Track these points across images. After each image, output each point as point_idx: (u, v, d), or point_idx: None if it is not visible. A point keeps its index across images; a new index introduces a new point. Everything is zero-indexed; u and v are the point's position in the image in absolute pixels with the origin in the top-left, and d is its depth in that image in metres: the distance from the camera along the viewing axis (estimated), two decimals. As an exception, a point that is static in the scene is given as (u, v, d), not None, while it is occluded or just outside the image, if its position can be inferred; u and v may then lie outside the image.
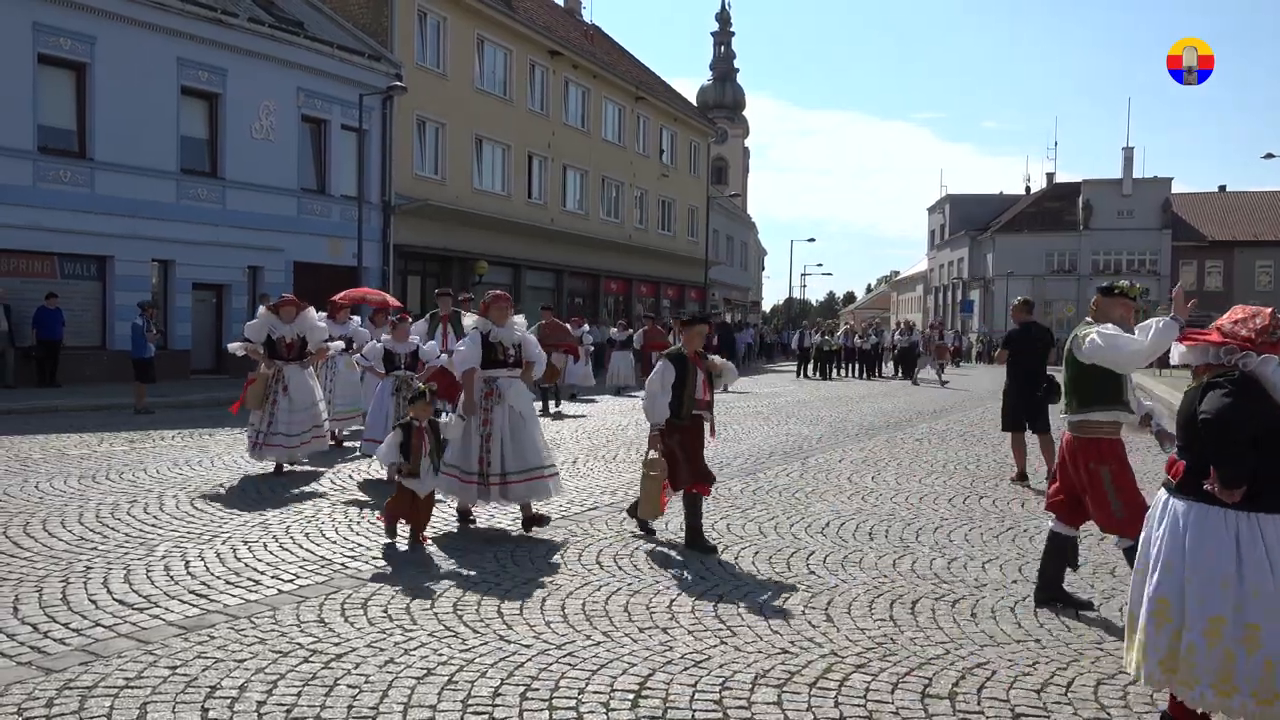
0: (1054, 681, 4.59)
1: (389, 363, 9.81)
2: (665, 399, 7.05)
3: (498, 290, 7.94)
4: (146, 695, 4.16)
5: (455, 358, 7.58)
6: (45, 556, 6.37)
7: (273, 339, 9.84)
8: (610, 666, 4.64)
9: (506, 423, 7.35)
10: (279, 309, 10.00)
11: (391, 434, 7.09)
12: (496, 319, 7.52)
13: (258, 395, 9.65)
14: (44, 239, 19.83)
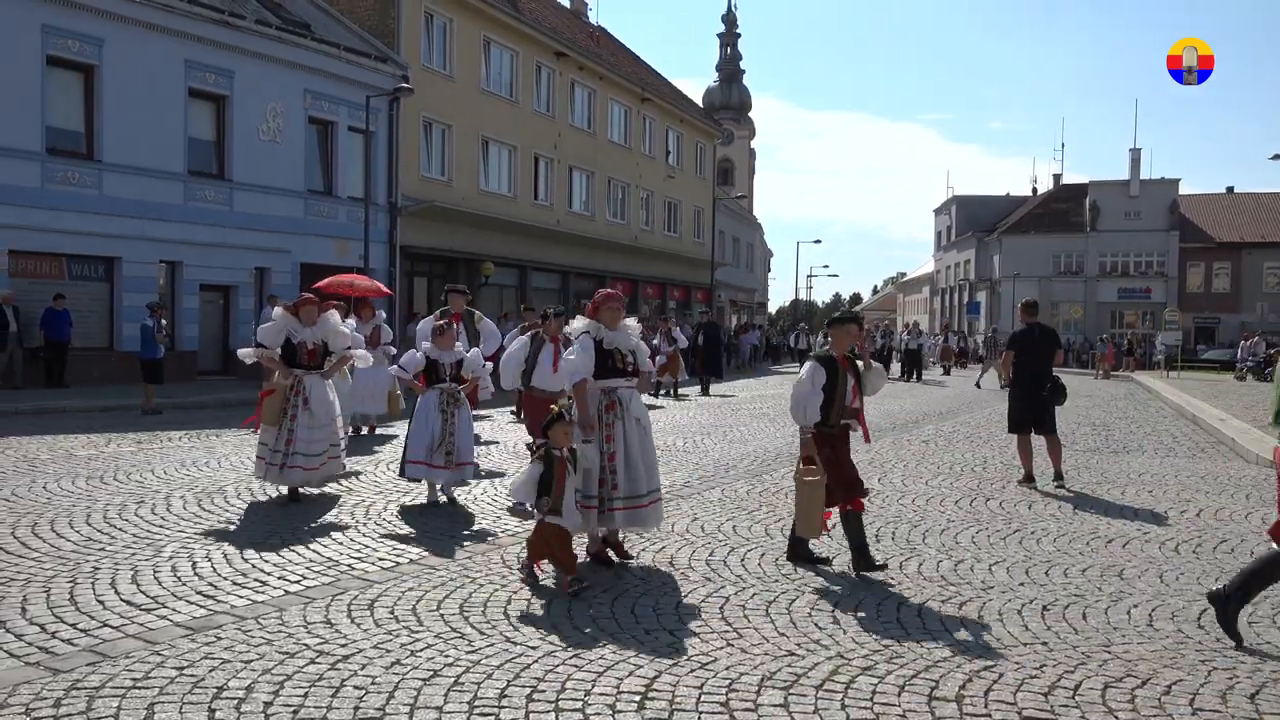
0: (1061, 684, 4.58)
1: (433, 373, 8.51)
2: (817, 400, 6.42)
3: (608, 290, 7.10)
4: (154, 696, 4.17)
5: (564, 367, 6.70)
6: (53, 557, 6.39)
7: (292, 344, 8.56)
8: (616, 668, 4.64)
9: (635, 439, 6.56)
10: (298, 309, 8.70)
11: (530, 467, 6.04)
12: (608, 322, 6.62)
13: (275, 410, 8.33)
14: (52, 240, 19.89)
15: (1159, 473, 11.42)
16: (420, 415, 8.45)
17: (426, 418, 8.40)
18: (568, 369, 6.58)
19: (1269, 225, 62.72)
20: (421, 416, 8.43)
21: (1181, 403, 21.63)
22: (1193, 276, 63.23)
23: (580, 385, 6.43)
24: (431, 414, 8.40)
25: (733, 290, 56.96)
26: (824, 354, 6.65)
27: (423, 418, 8.41)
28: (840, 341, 6.63)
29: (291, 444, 8.34)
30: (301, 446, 8.37)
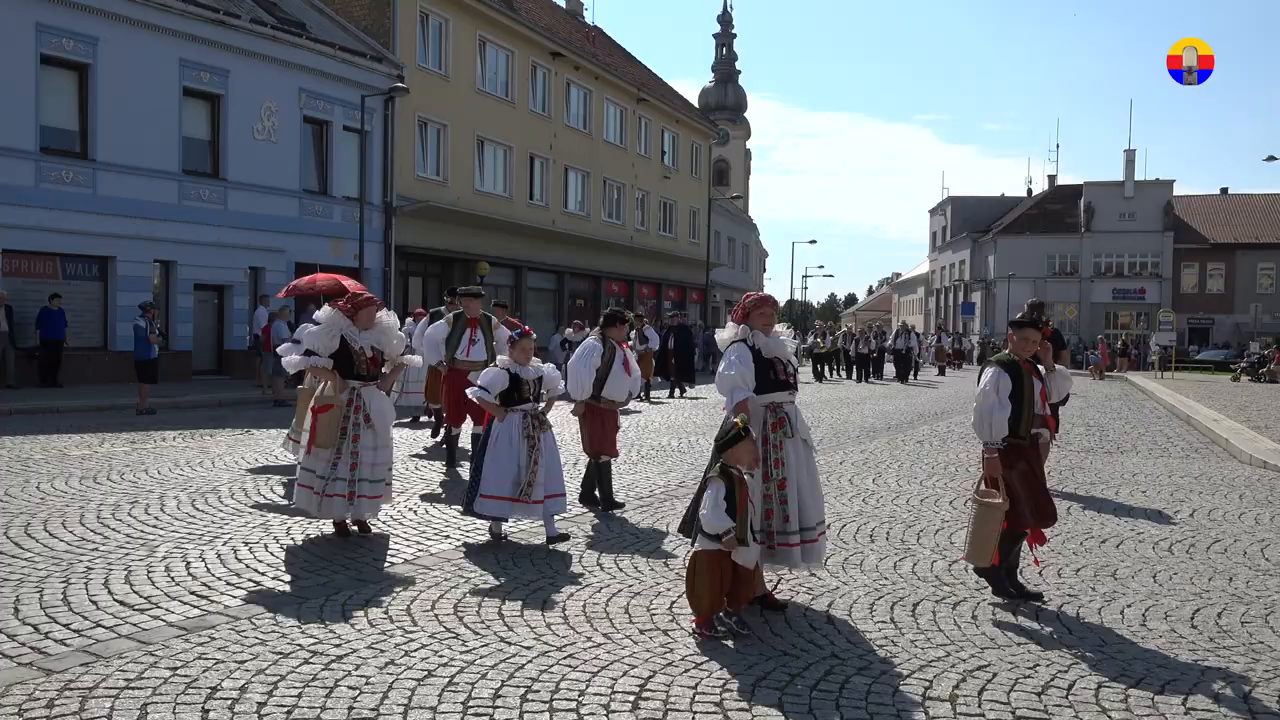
0: (1055, 684, 4.58)
1: (514, 393, 7.06)
2: (1004, 413, 5.83)
3: (758, 292, 6.33)
4: (147, 696, 4.16)
5: (720, 383, 5.83)
6: (46, 557, 6.37)
7: (350, 350, 7.19)
8: (611, 668, 4.64)
9: (805, 461, 5.82)
10: (356, 310, 7.25)
11: (713, 489, 5.16)
12: (762, 327, 5.84)
13: (333, 430, 6.89)
14: (46, 240, 19.85)
15: (1153, 473, 11.45)
16: (502, 443, 6.95)
17: (511, 446, 6.96)
18: (726, 384, 5.74)
19: (1263, 226, 62.91)
20: (504, 445, 6.95)
21: (1175, 403, 21.68)
22: (1187, 277, 63.41)
23: (744, 404, 5.65)
24: (516, 441, 6.97)
25: (728, 291, 56.95)
26: (1006, 359, 6.04)
27: (505, 446, 6.95)
28: (1023, 346, 6.07)
29: (357, 468, 6.99)
30: (367, 472, 7.03)
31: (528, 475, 6.93)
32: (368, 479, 7.03)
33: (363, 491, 7.01)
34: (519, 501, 6.95)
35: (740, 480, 5.20)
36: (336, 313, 7.18)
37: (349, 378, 7.09)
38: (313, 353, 7.10)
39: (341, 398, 7.03)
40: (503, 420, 7.03)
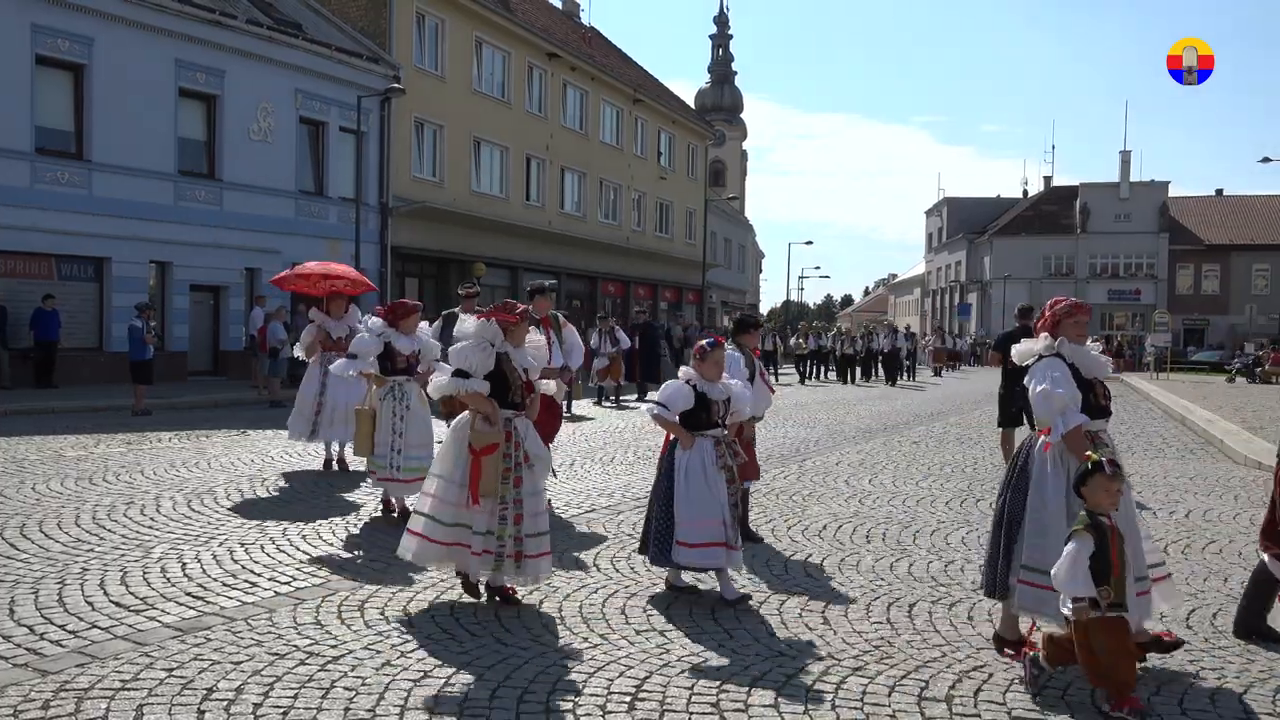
0: (1051, 685, 4.59)
1: (700, 415, 5.91)
2: None
3: (1068, 298, 5.30)
4: (143, 697, 4.15)
5: (1043, 405, 4.80)
6: (41, 558, 6.36)
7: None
8: (607, 669, 4.64)
9: (1130, 503, 4.99)
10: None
11: (1076, 545, 4.27)
12: (1076, 337, 5.04)
13: (497, 476, 5.55)
14: (41, 240, 19.81)
15: (1148, 473, 11.47)
16: (694, 476, 5.81)
17: (706, 479, 5.80)
18: (1054, 405, 4.75)
19: (1258, 228, 63.05)
20: (697, 478, 5.80)
21: (1170, 404, 21.72)
22: (1182, 278, 63.53)
23: (1078, 431, 4.73)
24: (711, 474, 5.81)
25: (724, 291, 57.01)
26: None
27: (699, 480, 5.79)
28: None
29: (521, 520, 5.56)
30: (531, 524, 5.61)
31: (732, 515, 5.80)
32: (531, 533, 5.60)
33: (529, 550, 5.56)
34: (730, 548, 5.74)
35: (1113, 532, 4.33)
36: (489, 323, 5.72)
37: (504, 406, 5.67)
38: (464, 373, 5.61)
39: (498, 430, 5.61)
40: (689, 447, 5.85)
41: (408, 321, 8.00)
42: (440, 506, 5.61)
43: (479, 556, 5.51)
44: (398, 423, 7.79)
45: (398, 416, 7.80)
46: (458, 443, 5.66)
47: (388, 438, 7.73)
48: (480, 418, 5.61)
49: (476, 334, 5.72)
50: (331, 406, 10.06)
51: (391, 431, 7.75)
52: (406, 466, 7.73)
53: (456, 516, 5.56)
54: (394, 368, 7.94)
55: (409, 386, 7.93)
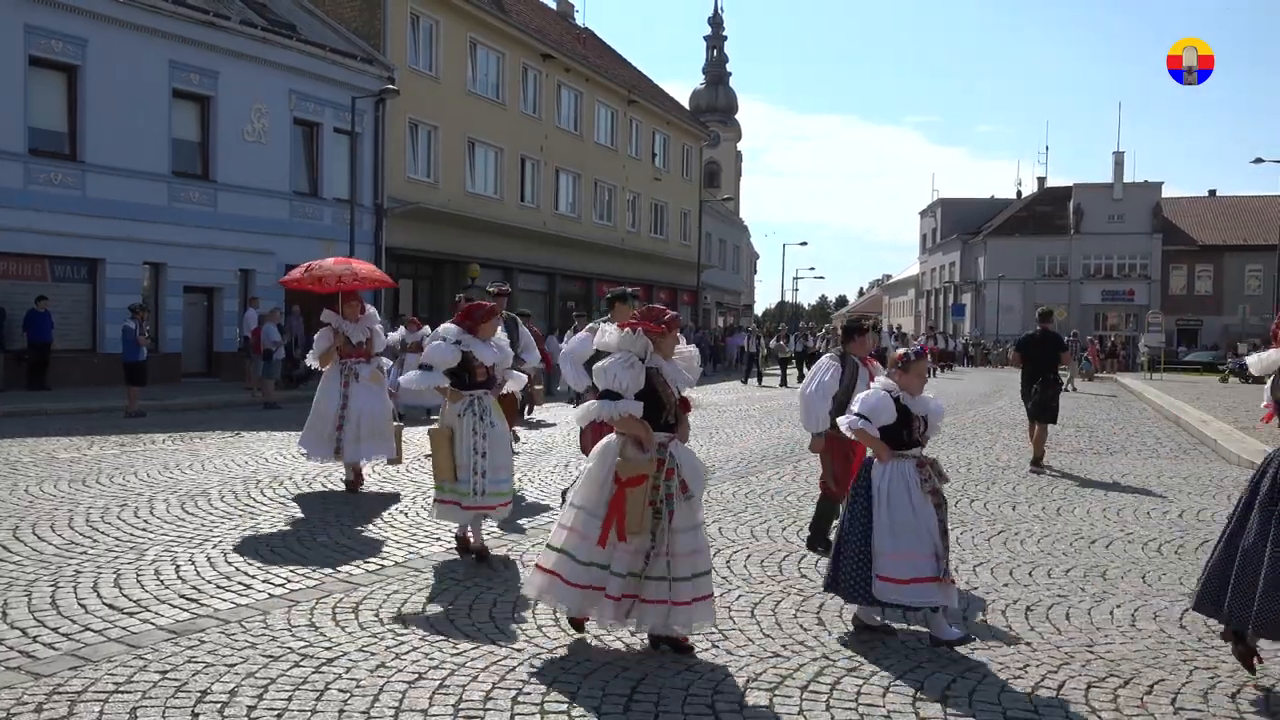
0: (1045, 684, 4.60)
1: (903, 432, 5.35)
2: None
3: None
4: (136, 700, 4.14)
5: None
6: (34, 560, 6.34)
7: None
8: (602, 670, 4.64)
9: None
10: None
11: None
12: None
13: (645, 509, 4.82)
14: (35, 241, 19.75)
15: (1142, 474, 11.49)
16: (898, 501, 5.16)
17: (911, 504, 5.16)
18: None
19: (1251, 228, 63.21)
20: (901, 503, 5.15)
21: (1164, 404, 21.77)
22: (1175, 279, 63.69)
23: None
24: (918, 499, 5.18)
25: (719, 292, 57.05)
26: None
27: (903, 505, 5.15)
28: None
29: (674, 560, 4.82)
30: (685, 565, 4.86)
31: (944, 545, 5.17)
32: (686, 575, 4.81)
33: (679, 595, 4.77)
34: (943, 582, 5.10)
35: None
36: (636, 334, 4.98)
37: (656, 429, 4.96)
38: (613, 394, 4.89)
39: (650, 458, 4.91)
40: (886, 461, 5.24)
41: (487, 326, 6.87)
42: (579, 542, 4.91)
43: (616, 602, 4.75)
44: (479, 442, 6.69)
45: (479, 435, 6.70)
46: (604, 469, 4.94)
47: (470, 460, 6.65)
48: (630, 443, 4.92)
49: (622, 347, 5.00)
50: (356, 421, 8.91)
51: (474, 452, 6.67)
52: (493, 491, 6.72)
53: (593, 554, 4.86)
54: (472, 380, 6.76)
55: (488, 401, 6.85)
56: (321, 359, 9.03)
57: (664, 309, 5.20)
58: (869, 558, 5.11)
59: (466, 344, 6.72)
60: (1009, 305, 62.51)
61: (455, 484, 6.63)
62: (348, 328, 9.14)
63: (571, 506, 5.04)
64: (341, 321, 9.14)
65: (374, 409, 8.99)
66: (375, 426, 9.05)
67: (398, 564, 6.54)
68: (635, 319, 5.08)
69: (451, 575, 6.26)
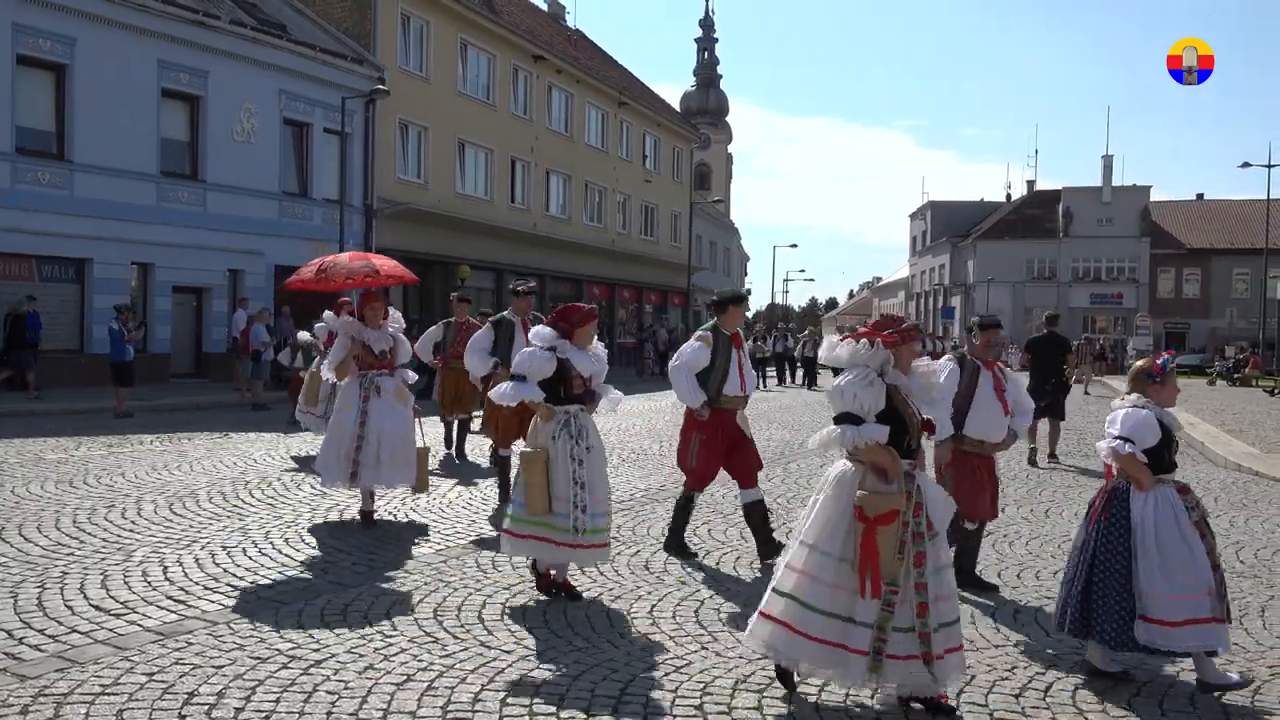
0: (1032, 686, 4.62)
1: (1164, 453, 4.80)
2: None
3: None
4: (123, 702, 4.12)
5: None
6: (21, 562, 6.31)
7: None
8: (591, 672, 4.64)
9: None
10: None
11: None
12: None
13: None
14: (22, 241, 19.64)
15: (1130, 476, 11.54)
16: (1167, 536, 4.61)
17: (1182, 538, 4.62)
18: None
19: (1238, 232, 63.53)
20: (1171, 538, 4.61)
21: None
22: (1163, 282, 63.96)
23: None
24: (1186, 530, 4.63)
25: (709, 294, 57.00)
26: None
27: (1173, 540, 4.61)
28: None
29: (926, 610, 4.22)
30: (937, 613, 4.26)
31: (1218, 580, 4.61)
32: (942, 623, 4.23)
33: (936, 647, 4.19)
34: (1222, 622, 4.58)
35: None
36: (874, 347, 4.39)
37: (905, 456, 4.37)
38: (854, 417, 4.28)
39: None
40: (1148, 488, 4.67)
41: (585, 331, 5.89)
42: (814, 588, 4.22)
43: (861, 657, 4.13)
44: (577, 469, 5.70)
45: (576, 461, 5.71)
46: (839, 503, 4.29)
47: (568, 490, 5.65)
48: (874, 473, 4.23)
49: (858, 362, 4.32)
50: (376, 442, 7.61)
51: (572, 482, 5.67)
52: (593, 528, 5.72)
53: (836, 603, 4.18)
54: (568, 394, 5.81)
55: (585, 420, 5.89)
56: (339, 371, 7.70)
57: (899, 316, 4.66)
58: (1131, 598, 4.56)
59: (562, 351, 5.77)
60: (998, 308, 62.64)
61: (549, 517, 5.63)
62: (369, 335, 7.74)
63: (802, 545, 4.32)
64: (361, 328, 7.75)
65: (396, 429, 7.69)
66: (397, 449, 7.68)
67: (386, 565, 6.52)
68: (867, 328, 4.40)
69: (441, 577, 6.25)
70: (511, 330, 8.64)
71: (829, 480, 4.39)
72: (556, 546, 5.66)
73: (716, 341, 6.73)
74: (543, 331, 5.82)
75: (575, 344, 5.81)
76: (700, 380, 6.67)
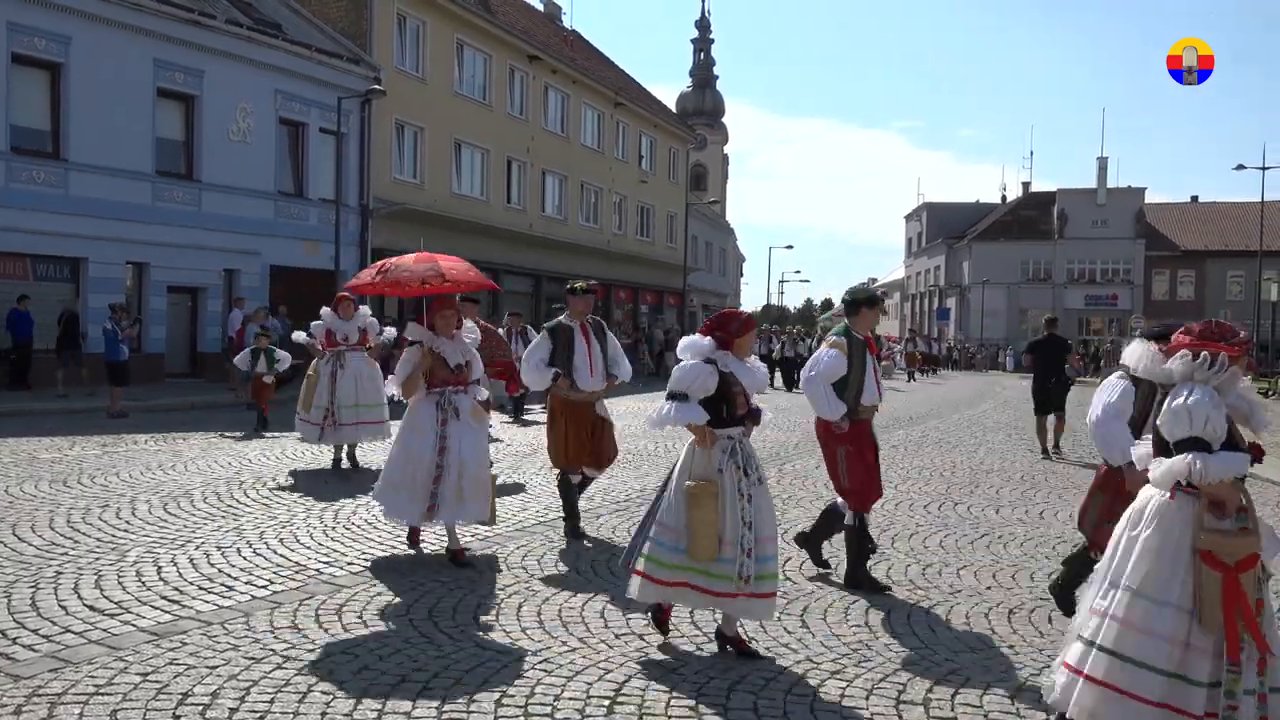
0: (1027, 687, 4.62)
1: None
2: None
3: None
4: (117, 703, 4.12)
5: None
6: (15, 562, 6.30)
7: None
8: (586, 673, 4.63)
9: None
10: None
11: None
12: None
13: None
14: (16, 240, 19.60)
15: (1124, 478, 11.56)
16: None
17: None
18: None
19: (1232, 234, 63.70)
20: None
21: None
22: (1158, 284, 64.11)
23: None
24: None
25: (705, 295, 57.11)
26: None
27: None
28: None
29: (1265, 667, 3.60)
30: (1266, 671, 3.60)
31: None
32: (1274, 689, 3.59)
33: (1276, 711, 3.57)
34: None
35: None
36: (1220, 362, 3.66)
37: None
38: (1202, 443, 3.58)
39: None
40: None
41: (745, 341, 5.06)
42: (1143, 641, 3.55)
43: None
44: (745, 506, 4.81)
45: (745, 496, 4.83)
46: (1167, 542, 3.61)
47: (737, 532, 4.78)
48: (1212, 510, 3.55)
49: (1199, 379, 3.62)
50: (457, 472, 6.54)
51: (740, 522, 4.79)
52: (764, 574, 4.85)
53: (1174, 660, 3.52)
54: (730, 415, 4.95)
55: (749, 445, 5.04)
56: (406, 387, 6.68)
57: (1225, 323, 3.92)
58: None
59: (724, 363, 4.95)
60: (993, 309, 62.85)
61: (710, 563, 4.79)
62: (443, 346, 6.72)
63: (1125, 589, 3.63)
64: (433, 338, 6.73)
65: (477, 456, 6.72)
66: (480, 480, 6.72)
67: (382, 565, 6.52)
68: (1194, 338, 3.73)
69: (435, 577, 6.24)
70: (570, 336, 7.48)
71: (1146, 514, 3.68)
72: (714, 597, 4.81)
73: (850, 347, 6.19)
74: (699, 342, 5.00)
75: (737, 355, 5.00)
76: (836, 389, 6.11)
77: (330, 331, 10.62)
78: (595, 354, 7.50)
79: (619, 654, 4.91)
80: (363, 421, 10.52)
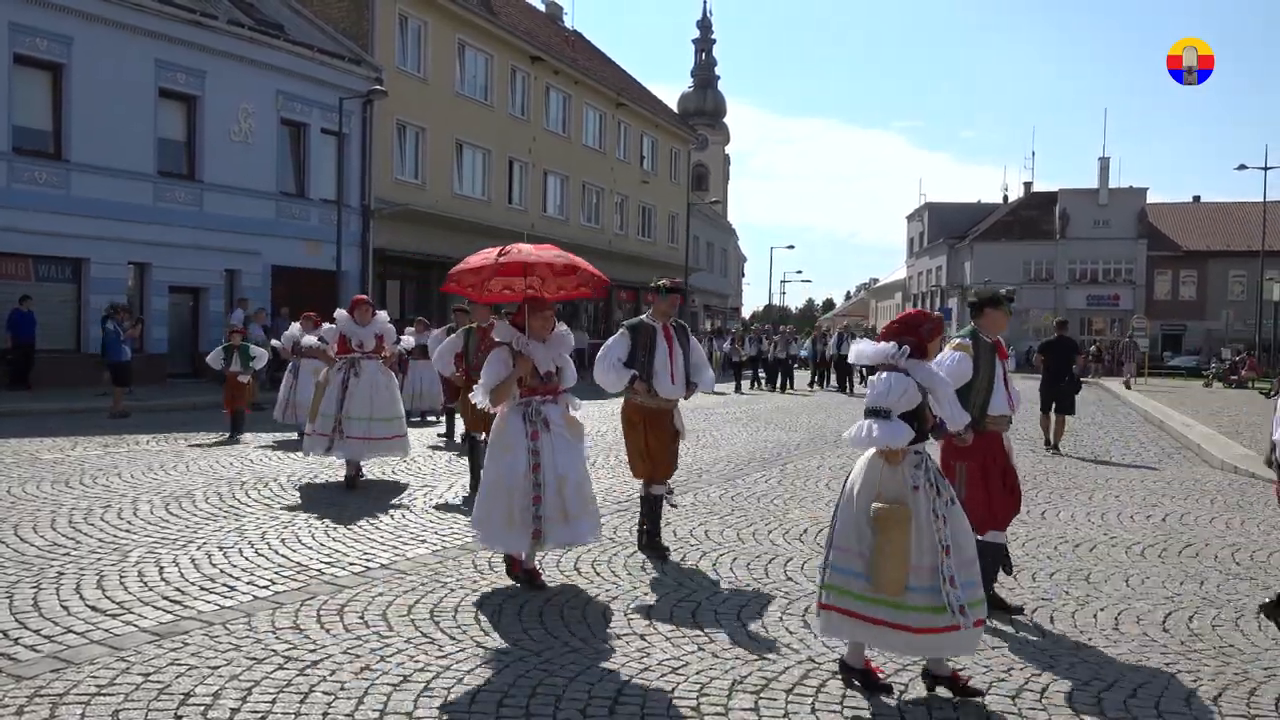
0: (1028, 687, 4.62)
1: None
2: None
3: None
4: (119, 703, 4.12)
5: None
6: (16, 562, 6.30)
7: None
8: (588, 673, 4.63)
9: None
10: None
11: None
12: None
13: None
14: (18, 240, 19.62)
15: (1126, 478, 11.55)
16: None
17: None
18: None
19: (1234, 234, 63.62)
20: None
21: (1148, 408, 21.88)
22: (1160, 284, 64.02)
23: None
24: None
25: (707, 295, 57.11)
26: None
27: None
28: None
29: None
30: None
31: None
32: None
33: None
34: None
35: None
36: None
37: None
38: None
39: None
40: None
41: (936, 345, 4.65)
42: None
43: None
44: (942, 529, 4.35)
45: (941, 519, 4.37)
46: None
47: (934, 557, 4.30)
48: None
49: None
50: (558, 488, 5.92)
51: (938, 547, 4.31)
52: (972, 601, 4.36)
53: None
54: (920, 429, 4.49)
55: (934, 463, 4.64)
56: (496, 395, 5.90)
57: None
58: None
59: (920, 375, 4.44)
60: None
61: (906, 593, 4.25)
62: (535, 350, 6.00)
63: None
64: (525, 340, 6.02)
65: (578, 470, 6.09)
66: (583, 493, 6.10)
67: (383, 566, 6.52)
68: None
69: (438, 577, 6.24)
70: (652, 337, 6.92)
71: None
72: (914, 634, 4.26)
73: (978, 350, 5.74)
74: (886, 348, 4.46)
75: (927, 361, 4.56)
76: (960, 397, 5.14)
77: (344, 336, 9.71)
78: (677, 358, 6.92)
79: (621, 654, 4.91)
80: (373, 437, 9.60)
